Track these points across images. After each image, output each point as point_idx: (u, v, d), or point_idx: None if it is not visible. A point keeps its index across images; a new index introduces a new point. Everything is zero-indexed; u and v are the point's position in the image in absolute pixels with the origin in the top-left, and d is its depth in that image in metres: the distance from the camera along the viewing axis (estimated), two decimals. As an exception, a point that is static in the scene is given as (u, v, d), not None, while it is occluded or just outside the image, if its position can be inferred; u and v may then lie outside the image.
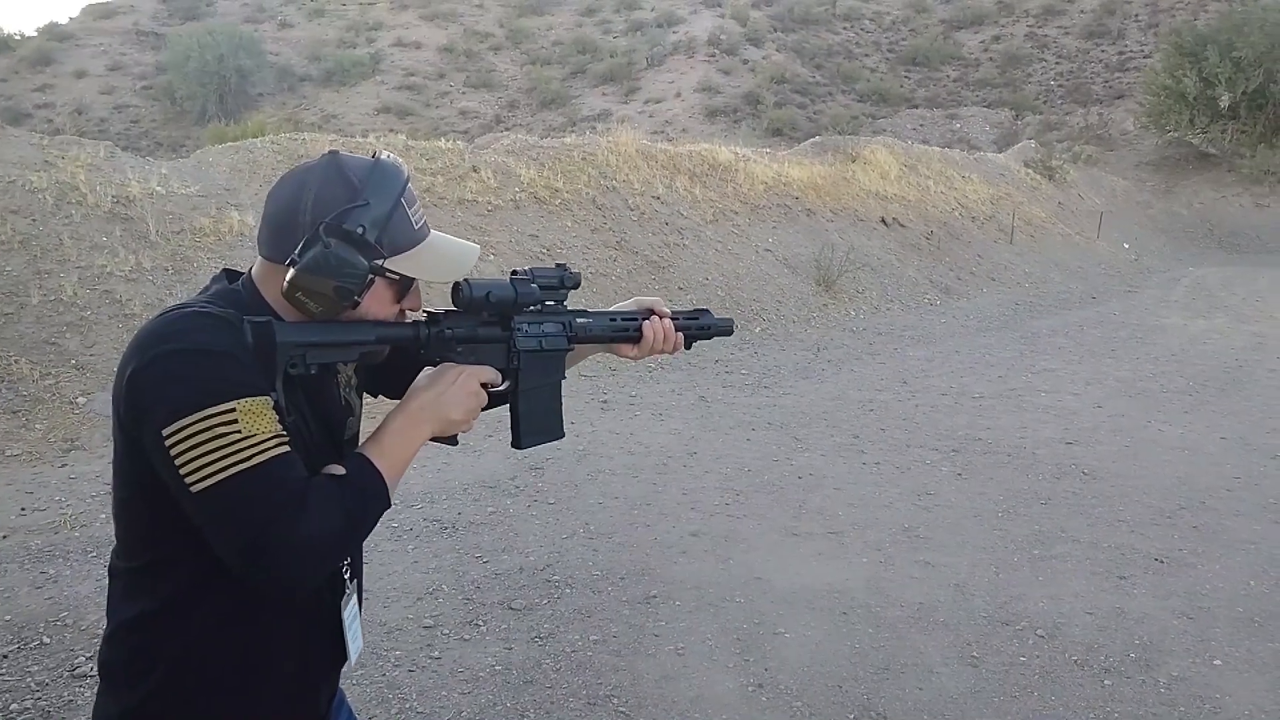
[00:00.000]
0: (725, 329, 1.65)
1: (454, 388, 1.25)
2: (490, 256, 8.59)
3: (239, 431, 1.03)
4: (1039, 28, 40.46)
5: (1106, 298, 14.20)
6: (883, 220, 14.41)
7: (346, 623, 1.30)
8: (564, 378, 1.47)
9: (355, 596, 1.35)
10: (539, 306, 1.38)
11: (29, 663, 3.17)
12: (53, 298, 6.22)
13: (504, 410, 1.45)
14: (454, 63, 37.99)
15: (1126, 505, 4.96)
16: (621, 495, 4.97)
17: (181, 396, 1.03)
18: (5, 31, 38.80)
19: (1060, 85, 36.57)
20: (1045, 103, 35.38)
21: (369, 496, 1.15)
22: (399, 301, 1.26)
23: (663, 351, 1.54)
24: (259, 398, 1.06)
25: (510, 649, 3.39)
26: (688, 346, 1.60)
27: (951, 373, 8.43)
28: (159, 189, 7.54)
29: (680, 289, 9.75)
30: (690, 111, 32.48)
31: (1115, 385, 8.01)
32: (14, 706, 2.93)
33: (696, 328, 1.61)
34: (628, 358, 1.55)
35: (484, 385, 1.29)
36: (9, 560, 3.90)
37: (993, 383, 8.01)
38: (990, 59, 39.10)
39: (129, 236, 6.97)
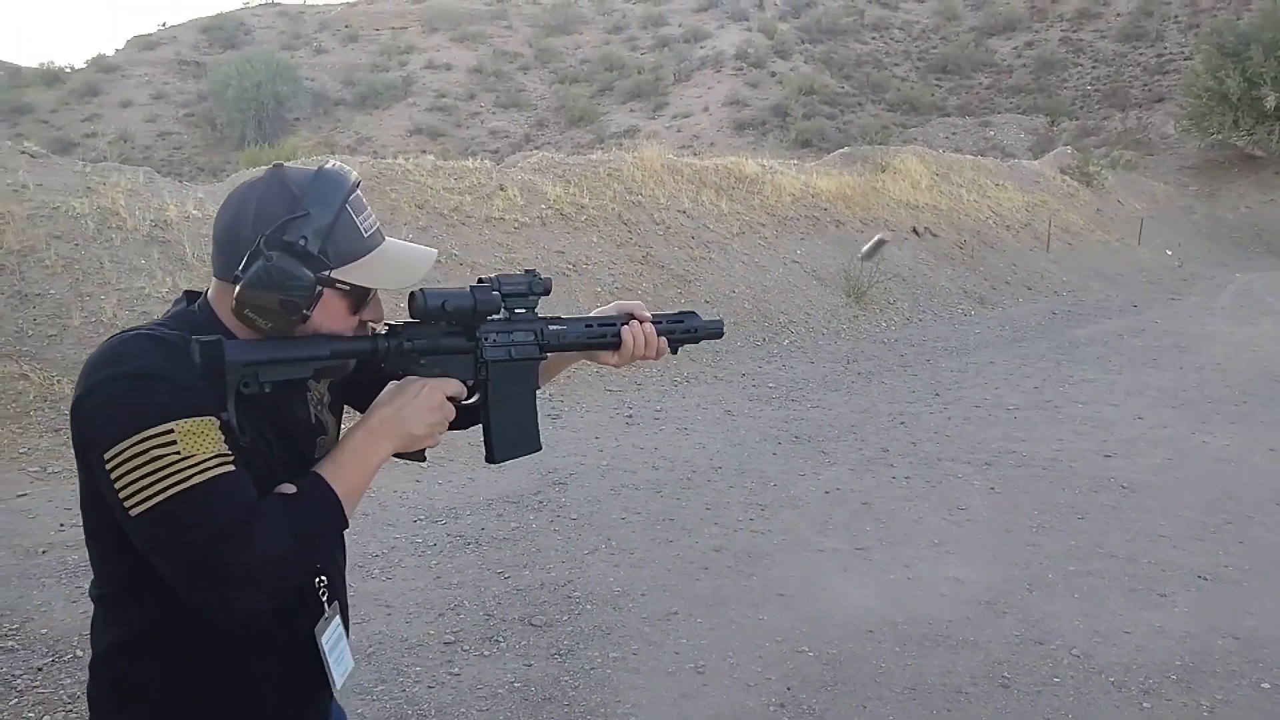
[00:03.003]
0: (713, 331, 1.58)
1: (416, 401, 1.20)
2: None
3: (177, 453, 1.00)
4: (1074, 32, 40.04)
5: (1148, 305, 13.91)
6: (914, 230, 14.26)
7: (326, 648, 1.25)
8: (538, 388, 1.40)
9: (338, 619, 1.30)
10: (508, 314, 1.33)
11: (62, 675, 3.19)
12: (93, 319, 6.32)
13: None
14: (484, 83, 38.45)
15: (1167, 519, 4.81)
16: (644, 511, 4.92)
17: (119, 421, 1.01)
18: (56, 65, 40.02)
19: (1097, 90, 36.11)
20: (1081, 108, 34.95)
21: (320, 517, 1.11)
22: (356, 313, 1.21)
23: (645, 357, 1.47)
24: (200, 418, 1.03)
25: (530, 665, 3.35)
26: (674, 351, 1.54)
27: (985, 384, 8.28)
28: (195, 212, 7.66)
29: (707, 302, 9.69)
30: (718, 125, 32.52)
31: (1156, 395, 7.81)
32: (46, 719, 2.95)
33: (681, 331, 1.54)
34: (609, 365, 1.49)
35: (450, 398, 1.24)
36: (46, 575, 3.94)
37: (1028, 394, 7.85)
38: (1024, 65, 38.73)
39: (166, 259, 7.08)
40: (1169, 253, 19.46)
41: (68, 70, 38.89)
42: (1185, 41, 36.28)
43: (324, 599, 1.26)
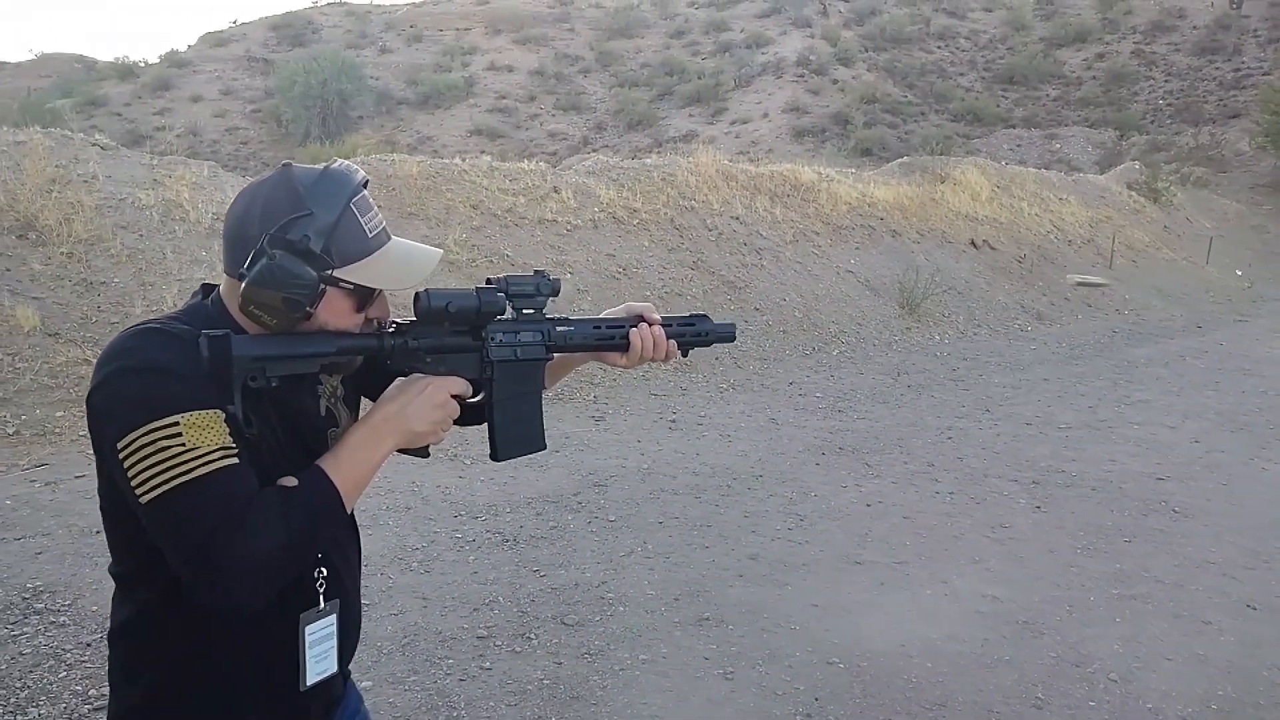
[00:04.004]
0: (724, 335, 1.57)
1: (419, 399, 1.21)
2: (567, 275, 8.68)
3: (183, 445, 1.04)
4: (1146, 44, 39.03)
5: (1213, 326, 13.51)
6: (972, 242, 14.05)
7: (307, 640, 1.24)
8: (544, 388, 1.41)
9: (333, 619, 1.28)
10: (515, 315, 1.34)
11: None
12: (154, 308, 6.52)
13: (558, 426, 1.41)
14: (544, 85, 38.74)
15: (1219, 546, 4.68)
16: (682, 516, 4.93)
17: (128, 412, 1.05)
18: (131, 59, 41.35)
19: (1169, 104, 35.16)
20: (1152, 122, 34.05)
21: (318, 510, 1.13)
22: (360, 311, 1.22)
23: (655, 359, 1.47)
24: (206, 411, 1.07)
25: (560, 664, 3.39)
26: (684, 354, 1.54)
27: (1038, 401, 8.13)
28: (254, 206, 7.86)
29: (757, 309, 9.67)
30: (777, 132, 32.35)
31: (1216, 419, 7.59)
32: (93, 693, 3.06)
33: (691, 334, 1.53)
34: (618, 366, 1.49)
35: (455, 396, 1.26)
36: (99, 554, 4.08)
37: (1081, 413, 7.69)
38: (1094, 77, 37.87)
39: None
40: (1239, 273, 18.87)
41: (141, 65, 40.14)
42: (1264, 56, 35.14)
43: (321, 591, 1.26)
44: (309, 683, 1.25)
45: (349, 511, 1.19)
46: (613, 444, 6.22)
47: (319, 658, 1.26)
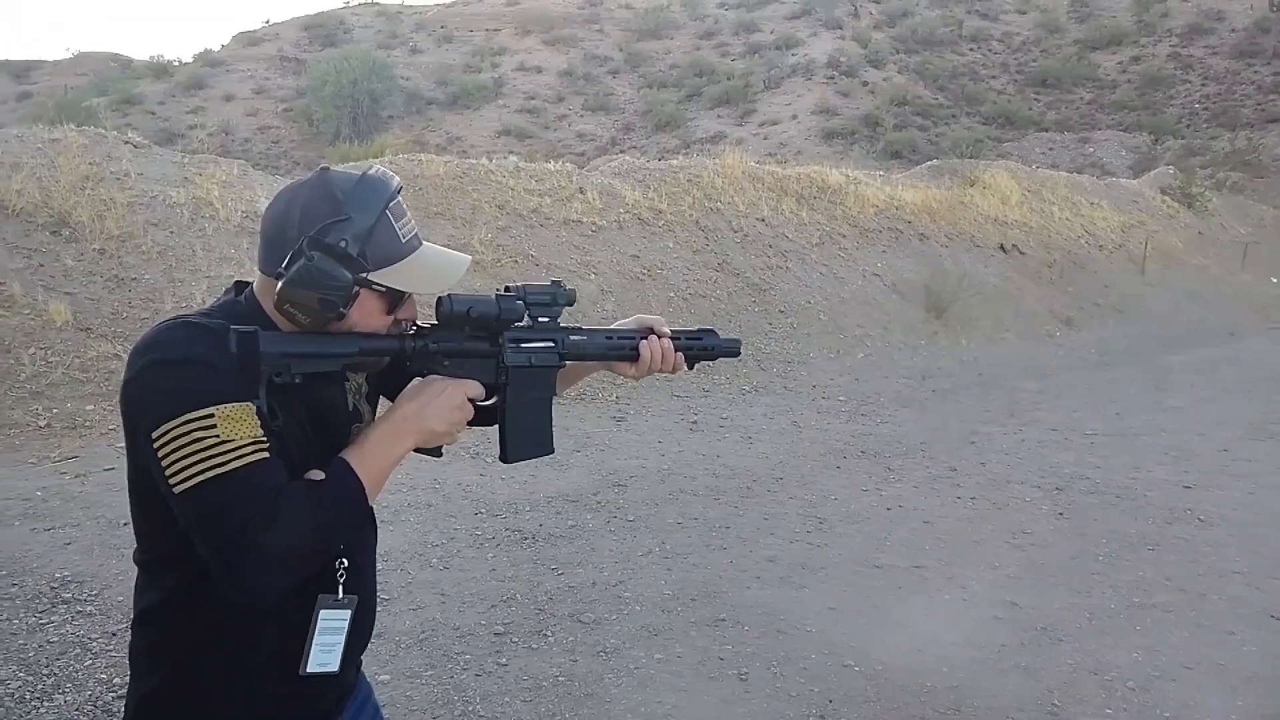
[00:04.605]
0: (730, 350, 1.61)
1: (438, 400, 1.25)
2: (591, 276, 8.72)
3: (216, 436, 1.07)
4: (1183, 47, 38.49)
5: (1247, 334, 13.32)
6: (1001, 247, 13.93)
7: (319, 629, 1.26)
8: (556, 394, 1.45)
9: (349, 614, 1.29)
10: (531, 322, 1.38)
11: (133, 642, 3.38)
12: (184, 305, 6.63)
13: (580, 426, 1.43)
14: (573, 86, 38.87)
15: (1243, 555, 4.62)
16: (701, 517, 4.94)
17: (164, 404, 1.09)
18: (165, 58, 42.00)
19: (1205, 108, 34.65)
20: (1188, 126, 33.58)
21: (344, 503, 1.16)
22: (391, 313, 1.27)
23: (662, 371, 1.51)
24: (239, 404, 1.10)
25: (575, 661, 3.41)
26: (690, 367, 1.58)
27: (1064, 407, 8.06)
28: (283, 205, 7.97)
29: (781, 311, 9.65)
30: (806, 133, 32.24)
31: (1247, 427, 7.48)
32: (117, 680, 3.12)
33: (699, 348, 1.58)
34: (627, 376, 1.53)
35: (470, 399, 1.29)
36: (125, 545, 4.14)
37: (1108, 419, 7.61)
38: (1128, 80, 37.41)
39: (255, 249, 7.40)
40: (1274, 280, 18.55)
41: (176, 64, 40.75)
42: (1305, 59, 34.55)
43: (340, 581, 1.28)
44: (307, 670, 1.26)
45: (372, 503, 1.23)
46: (633, 444, 6.24)
47: (324, 648, 1.27)
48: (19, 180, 6.85)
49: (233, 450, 1.08)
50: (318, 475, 1.16)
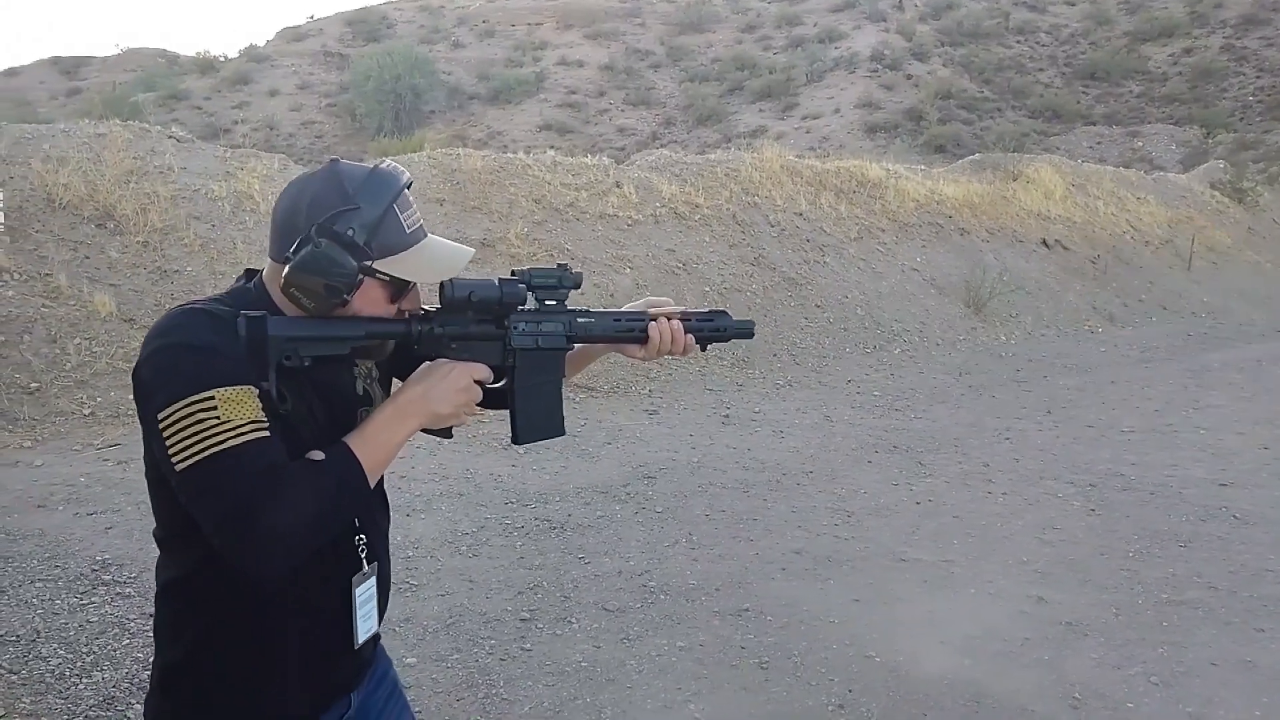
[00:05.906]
0: (743, 331, 1.60)
1: (444, 383, 1.29)
2: (626, 270, 8.78)
3: (217, 417, 1.12)
4: (1237, 39, 37.52)
5: (1296, 332, 12.99)
6: (1044, 242, 13.75)
7: (359, 602, 1.33)
8: (565, 376, 1.48)
9: (374, 580, 1.37)
10: (538, 305, 1.40)
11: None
12: (226, 296, 6.81)
13: (612, 419, 1.46)
14: (614, 80, 38.90)
15: (1277, 554, 4.54)
16: (729, 509, 4.97)
17: (169, 386, 1.14)
18: (211, 54, 42.78)
19: (1260, 101, 33.76)
20: (1241, 120, 32.76)
21: (344, 484, 1.20)
22: (394, 302, 1.31)
23: (672, 353, 1.52)
24: (241, 387, 1.15)
25: (599, 648, 3.48)
26: (703, 348, 1.58)
27: (1102, 404, 7.95)
28: (323, 199, 8.13)
29: (818, 306, 9.63)
30: (848, 127, 31.98)
31: (1291, 426, 7.32)
32: (154, 659, 3.25)
33: (710, 329, 1.56)
34: (636, 359, 1.54)
35: (478, 382, 1.33)
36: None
37: (1146, 416, 7.50)
38: (1180, 73, 36.56)
39: (293, 241, 7.57)
40: (1330, 276, 18.05)
41: (221, 59, 41.44)
42: (1365, 49, 33.50)
43: (363, 556, 1.35)
44: (360, 640, 1.34)
45: (373, 485, 1.27)
46: (665, 437, 6.29)
47: (366, 617, 1.35)
48: (66, 174, 7.07)
49: (231, 430, 1.12)
50: (317, 456, 1.20)
